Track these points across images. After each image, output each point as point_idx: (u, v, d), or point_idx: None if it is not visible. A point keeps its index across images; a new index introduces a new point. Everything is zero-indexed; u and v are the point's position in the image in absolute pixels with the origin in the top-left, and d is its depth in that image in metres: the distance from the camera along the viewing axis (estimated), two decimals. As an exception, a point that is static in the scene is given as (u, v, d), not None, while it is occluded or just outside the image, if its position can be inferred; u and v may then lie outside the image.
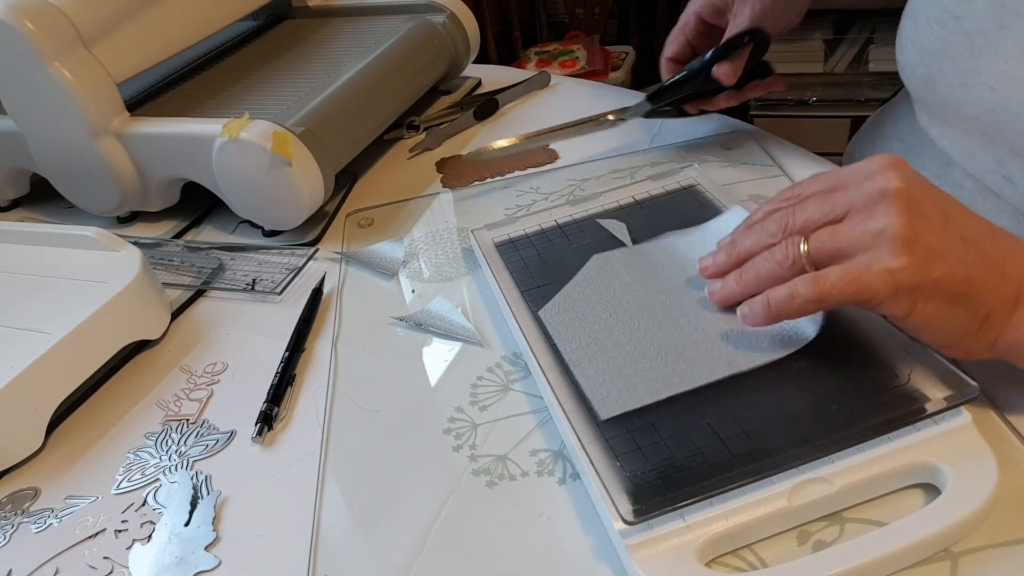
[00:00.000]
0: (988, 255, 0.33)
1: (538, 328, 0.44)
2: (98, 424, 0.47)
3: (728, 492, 0.33)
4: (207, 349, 0.52)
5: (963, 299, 0.33)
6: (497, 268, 0.50)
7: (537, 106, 0.77)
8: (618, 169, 0.63)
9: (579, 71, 1.85)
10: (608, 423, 0.37)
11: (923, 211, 0.34)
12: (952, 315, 0.34)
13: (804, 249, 0.36)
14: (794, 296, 0.35)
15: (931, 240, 0.33)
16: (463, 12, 0.79)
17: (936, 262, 0.33)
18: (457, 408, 0.43)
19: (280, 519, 0.39)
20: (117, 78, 0.61)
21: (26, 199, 0.74)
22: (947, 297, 0.33)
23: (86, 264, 0.55)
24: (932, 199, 0.34)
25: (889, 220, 0.33)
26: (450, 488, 0.39)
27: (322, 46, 0.77)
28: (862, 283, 0.33)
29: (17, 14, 0.56)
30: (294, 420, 0.45)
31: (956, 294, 0.33)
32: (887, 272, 0.33)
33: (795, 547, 0.33)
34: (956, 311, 0.33)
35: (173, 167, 0.63)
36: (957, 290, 0.33)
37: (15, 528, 0.41)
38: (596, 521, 0.36)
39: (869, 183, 0.35)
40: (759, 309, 0.37)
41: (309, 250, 0.60)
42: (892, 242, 0.33)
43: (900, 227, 0.33)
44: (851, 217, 0.35)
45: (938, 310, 0.33)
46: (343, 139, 0.63)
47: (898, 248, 0.33)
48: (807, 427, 0.35)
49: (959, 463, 0.33)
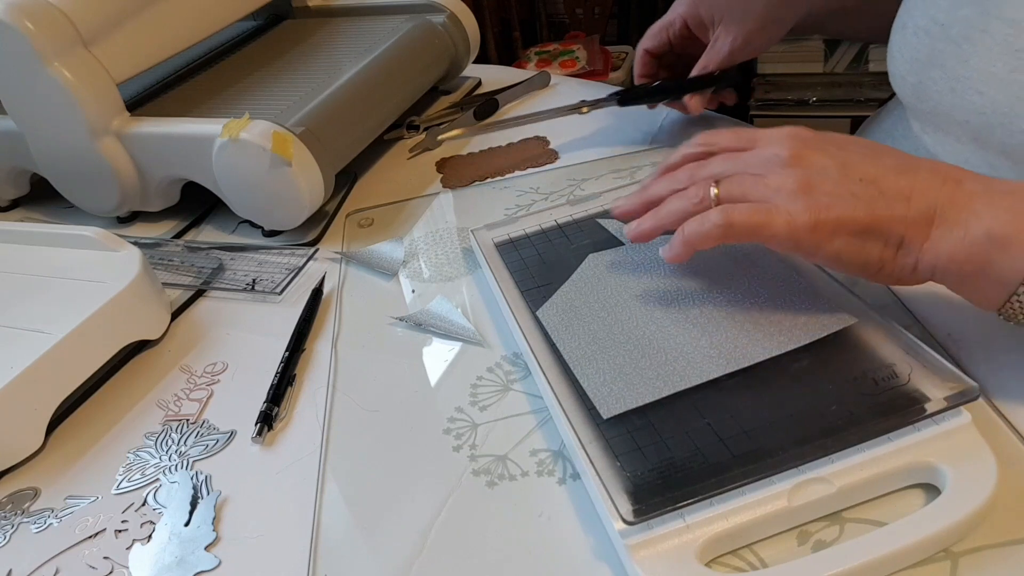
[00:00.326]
0: (890, 189, 0.36)
1: (538, 328, 0.44)
2: (98, 424, 0.47)
3: (728, 492, 0.33)
4: (207, 349, 0.52)
5: (871, 232, 0.36)
6: (497, 268, 0.50)
7: (537, 106, 0.77)
8: (618, 169, 0.63)
9: (579, 71, 1.85)
10: (608, 423, 0.37)
11: (818, 167, 0.38)
12: (863, 247, 0.37)
13: (715, 192, 0.40)
14: (704, 221, 0.39)
15: (827, 187, 0.37)
16: (463, 12, 0.79)
17: (833, 205, 0.36)
18: (457, 408, 0.43)
19: (280, 519, 0.39)
20: (117, 78, 0.61)
21: (26, 199, 0.74)
22: (853, 232, 0.36)
23: (86, 264, 0.55)
24: (829, 154, 0.38)
25: (784, 179, 0.38)
26: (450, 488, 0.39)
27: (322, 46, 0.77)
28: (766, 217, 0.37)
29: (17, 14, 0.56)
30: (294, 420, 0.45)
31: (862, 228, 0.36)
32: (787, 213, 0.37)
33: (795, 547, 0.33)
34: (867, 243, 0.36)
35: (173, 167, 0.63)
36: (861, 224, 0.36)
37: (15, 528, 0.41)
38: (596, 521, 0.36)
39: (771, 148, 0.39)
40: (676, 242, 0.40)
41: (309, 250, 0.60)
42: (791, 194, 0.37)
43: (795, 182, 0.37)
44: (754, 175, 0.39)
45: (848, 245, 0.36)
46: (343, 139, 0.63)
47: (796, 197, 0.37)
48: (807, 427, 0.35)
49: (959, 463, 0.33)
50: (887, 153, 0.39)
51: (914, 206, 0.36)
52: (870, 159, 0.38)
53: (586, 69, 1.85)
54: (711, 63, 0.61)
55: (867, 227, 0.36)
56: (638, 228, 0.43)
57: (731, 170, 0.40)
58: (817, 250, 0.37)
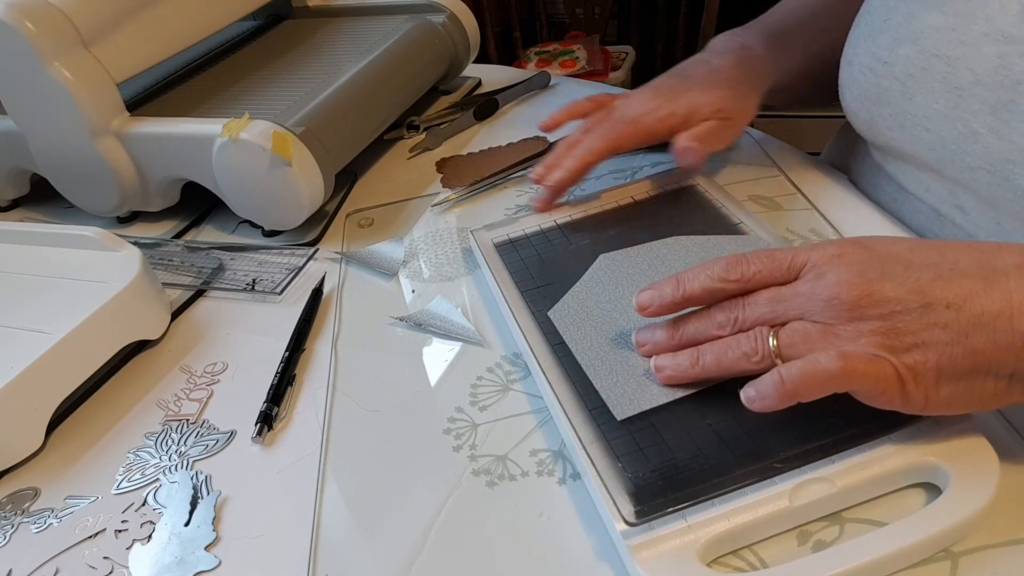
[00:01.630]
0: (986, 310, 0.31)
1: (538, 328, 0.44)
2: (98, 424, 0.47)
3: (730, 492, 0.33)
4: (207, 349, 0.52)
5: (976, 371, 0.31)
6: (497, 269, 0.50)
7: (537, 106, 0.77)
8: (618, 169, 0.63)
9: (579, 71, 1.85)
10: (609, 424, 0.37)
11: (893, 303, 0.32)
12: (971, 388, 0.32)
13: (773, 344, 0.34)
14: (816, 368, 0.32)
15: (913, 329, 0.31)
16: (463, 12, 0.79)
17: (927, 350, 0.31)
18: (457, 408, 0.43)
19: (280, 519, 0.39)
20: (117, 78, 0.61)
21: (26, 199, 0.74)
22: (957, 376, 0.31)
23: (86, 264, 0.55)
24: (899, 280, 0.32)
25: (860, 332, 0.32)
26: (450, 488, 0.39)
27: (322, 46, 0.77)
28: (880, 371, 0.31)
29: (17, 14, 0.56)
30: (294, 420, 0.45)
31: (964, 370, 0.31)
32: (888, 364, 0.31)
33: (795, 547, 0.33)
34: (974, 384, 0.31)
35: (173, 167, 0.63)
36: (961, 366, 0.31)
37: (15, 528, 0.41)
38: (596, 521, 0.36)
39: (826, 285, 0.33)
40: (772, 392, 0.33)
41: (309, 250, 0.60)
42: (875, 348, 0.32)
43: (875, 335, 0.31)
44: (818, 323, 0.33)
45: (955, 391, 0.32)
46: (343, 139, 0.63)
47: (880, 350, 0.31)
48: (808, 427, 0.35)
49: (960, 462, 0.33)
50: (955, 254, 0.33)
51: (1017, 327, 0.30)
52: (931, 272, 0.32)
53: (586, 69, 1.85)
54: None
55: (973, 367, 0.31)
56: (674, 372, 0.38)
57: (780, 317, 0.35)
58: (925, 406, 0.32)
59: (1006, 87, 0.40)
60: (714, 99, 0.54)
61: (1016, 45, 0.40)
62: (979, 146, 0.42)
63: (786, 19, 0.62)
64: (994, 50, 0.41)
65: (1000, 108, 0.41)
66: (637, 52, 1.98)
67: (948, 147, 0.44)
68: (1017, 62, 0.40)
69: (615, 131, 0.55)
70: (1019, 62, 0.40)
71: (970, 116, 0.42)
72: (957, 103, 0.43)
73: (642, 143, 0.56)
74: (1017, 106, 0.40)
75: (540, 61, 1.93)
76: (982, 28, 0.41)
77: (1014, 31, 0.40)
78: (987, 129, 0.41)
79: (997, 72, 0.41)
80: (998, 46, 0.41)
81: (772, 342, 0.34)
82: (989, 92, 0.41)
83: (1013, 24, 0.40)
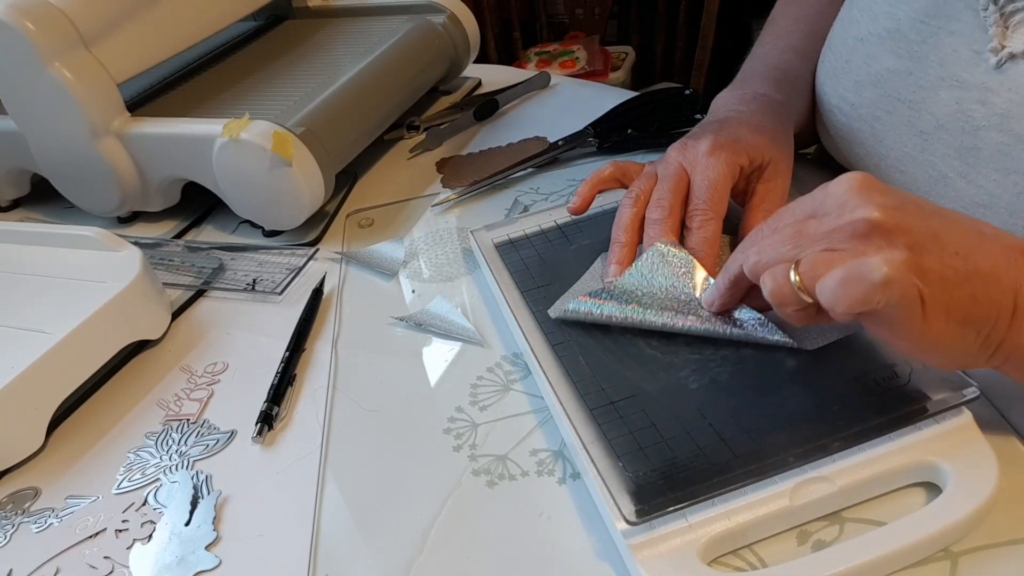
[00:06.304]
0: (982, 266, 0.31)
1: (538, 328, 0.44)
2: (98, 424, 0.47)
3: (730, 492, 0.33)
4: (207, 349, 0.52)
5: (971, 320, 0.31)
6: (497, 269, 0.50)
7: (537, 106, 0.77)
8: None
9: (579, 71, 1.85)
10: (610, 424, 0.37)
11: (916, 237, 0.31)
12: (962, 335, 0.31)
13: (795, 279, 0.33)
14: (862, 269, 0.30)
15: (933, 266, 0.30)
16: (463, 12, 0.79)
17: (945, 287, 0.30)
18: (457, 408, 0.43)
19: (280, 519, 0.39)
20: (117, 78, 0.61)
21: (26, 199, 0.74)
22: (958, 320, 0.31)
23: (86, 264, 0.55)
24: (920, 217, 0.32)
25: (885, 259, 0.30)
26: (450, 488, 0.39)
27: (322, 46, 0.77)
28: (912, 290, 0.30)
29: (17, 14, 0.56)
30: (294, 420, 0.45)
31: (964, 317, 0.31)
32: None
33: (795, 547, 0.33)
34: (965, 331, 0.31)
35: (173, 167, 0.63)
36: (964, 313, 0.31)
37: (15, 528, 0.41)
38: (596, 521, 0.36)
39: (850, 209, 0.32)
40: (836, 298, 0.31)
41: (309, 250, 0.60)
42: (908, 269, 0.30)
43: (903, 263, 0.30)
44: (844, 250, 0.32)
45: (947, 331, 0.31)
46: (343, 139, 0.63)
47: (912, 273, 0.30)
48: (808, 427, 0.35)
49: (960, 462, 0.33)
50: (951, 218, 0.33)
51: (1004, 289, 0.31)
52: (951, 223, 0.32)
53: (586, 69, 1.85)
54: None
55: (968, 315, 0.31)
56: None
57: (807, 247, 0.33)
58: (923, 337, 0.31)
59: (967, 132, 0.40)
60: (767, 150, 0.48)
61: (970, 91, 0.40)
62: (950, 190, 0.42)
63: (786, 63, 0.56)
64: (951, 95, 0.41)
65: (965, 153, 0.40)
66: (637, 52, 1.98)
67: (922, 189, 0.43)
68: (975, 108, 0.40)
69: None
70: (976, 108, 0.39)
71: (938, 160, 0.42)
72: (924, 147, 0.42)
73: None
74: (980, 152, 0.40)
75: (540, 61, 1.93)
76: (937, 72, 0.41)
77: (968, 76, 0.40)
78: (955, 173, 0.41)
79: (957, 118, 0.40)
80: (954, 91, 0.40)
81: (794, 277, 0.32)
82: (952, 137, 0.41)
83: (965, 69, 0.40)
